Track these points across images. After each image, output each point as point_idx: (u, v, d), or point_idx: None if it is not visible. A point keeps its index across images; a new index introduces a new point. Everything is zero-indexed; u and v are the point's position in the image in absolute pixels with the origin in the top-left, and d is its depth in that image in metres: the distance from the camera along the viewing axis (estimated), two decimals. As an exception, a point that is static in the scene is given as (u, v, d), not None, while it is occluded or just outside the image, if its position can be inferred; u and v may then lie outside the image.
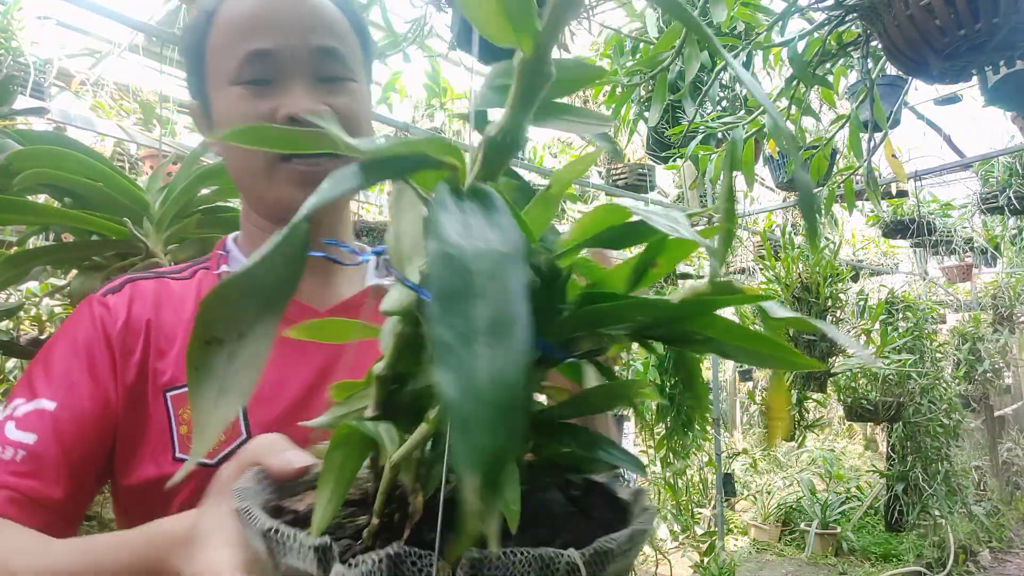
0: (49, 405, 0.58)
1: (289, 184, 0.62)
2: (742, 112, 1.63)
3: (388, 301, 0.28)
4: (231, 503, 0.31)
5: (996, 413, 6.07)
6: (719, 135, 1.60)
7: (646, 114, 1.79)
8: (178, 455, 0.59)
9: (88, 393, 0.59)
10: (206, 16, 0.64)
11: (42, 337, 2.58)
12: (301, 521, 0.29)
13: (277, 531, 0.26)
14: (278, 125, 0.51)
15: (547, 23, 0.23)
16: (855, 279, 5.04)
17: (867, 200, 3.59)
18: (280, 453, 0.35)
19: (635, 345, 0.32)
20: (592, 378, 0.34)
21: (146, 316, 0.64)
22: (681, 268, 4.30)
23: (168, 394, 0.61)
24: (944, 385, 3.84)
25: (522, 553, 0.24)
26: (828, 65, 1.45)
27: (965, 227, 4.93)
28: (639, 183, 3.62)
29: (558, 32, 0.24)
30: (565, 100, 0.32)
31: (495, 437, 0.15)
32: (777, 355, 0.27)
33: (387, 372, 0.29)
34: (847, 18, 1.17)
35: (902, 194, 3.92)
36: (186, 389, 0.57)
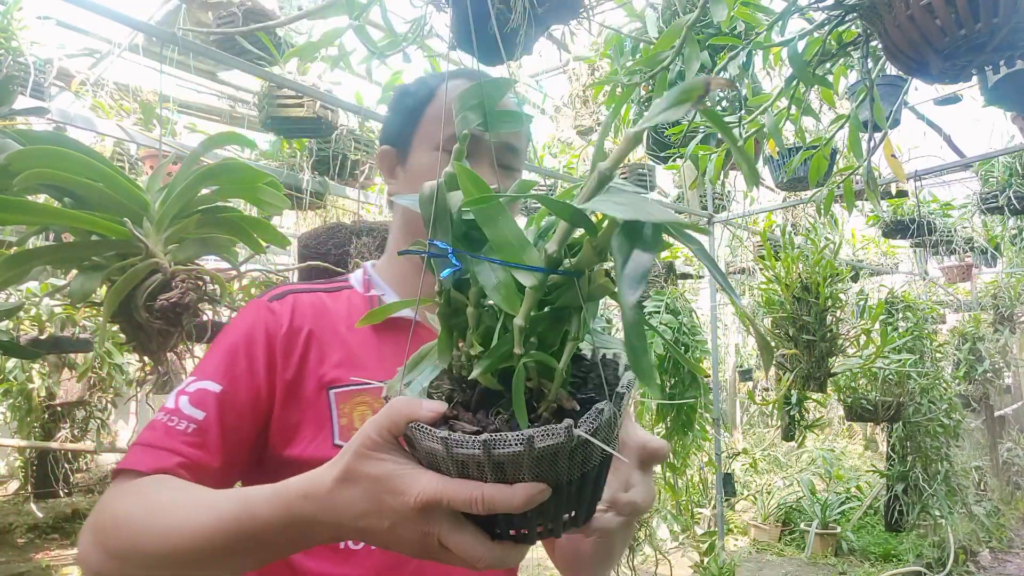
0: (215, 387, 0.71)
1: None
2: (742, 112, 1.63)
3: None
4: (383, 454, 0.45)
5: (996, 413, 6.07)
6: (719, 135, 1.60)
7: (646, 114, 1.79)
8: (337, 441, 0.73)
9: (246, 383, 0.73)
10: (429, 89, 0.84)
11: (42, 337, 2.57)
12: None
13: (450, 438, 0.41)
14: None
15: (648, 115, 0.39)
16: (855, 279, 5.04)
17: (867, 200, 3.59)
18: (422, 406, 0.45)
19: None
20: None
21: (308, 324, 0.79)
22: (681, 268, 4.30)
23: (332, 392, 0.75)
24: (944, 385, 3.84)
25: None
26: (828, 65, 1.44)
27: (965, 227, 4.93)
28: (639, 183, 3.62)
29: (652, 123, 0.39)
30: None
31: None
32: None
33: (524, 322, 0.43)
34: (847, 18, 1.17)
35: (902, 194, 3.92)
36: (347, 388, 0.76)
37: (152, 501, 0.60)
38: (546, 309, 0.45)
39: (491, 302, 0.45)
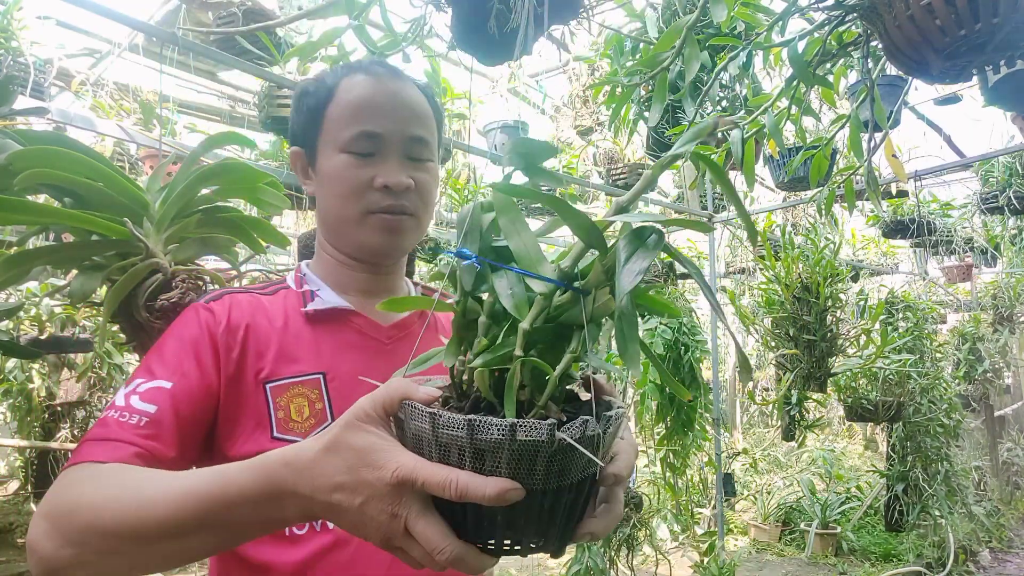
0: (166, 384, 0.72)
1: (376, 231, 0.82)
2: (742, 112, 1.63)
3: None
4: (372, 427, 0.46)
5: (996, 413, 6.07)
6: (719, 135, 1.60)
7: (646, 114, 1.79)
8: (276, 435, 0.75)
9: (196, 378, 0.74)
10: (327, 89, 0.83)
11: (42, 337, 2.57)
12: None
13: (439, 414, 0.43)
14: (373, 190, 0.80)
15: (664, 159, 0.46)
16: (855, 279, 5.04)
17: (867, 200, 3.59)
18: (418, 388, 0.47)
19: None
20: None
21: (245, 321, 0.79)
22: (681, 269, 4.30)
23: (268, 386, 0.76)
24: (944, 385, 3.84)
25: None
26: (828, 65, 1.44)
27: (965, 227, 4.92)
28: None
29: (671, 164, 0.46)
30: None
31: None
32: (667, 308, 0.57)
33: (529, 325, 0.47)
34: (847, 18, 1.17)
35: (902, 194, 3.92)
36: (283, 382, 0.76)
37: (113, 482, 0.59)
38: (550, 325, 0.47)
39: (504, 310, 0.48)
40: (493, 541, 0.45)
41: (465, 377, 0.49)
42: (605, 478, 0.48)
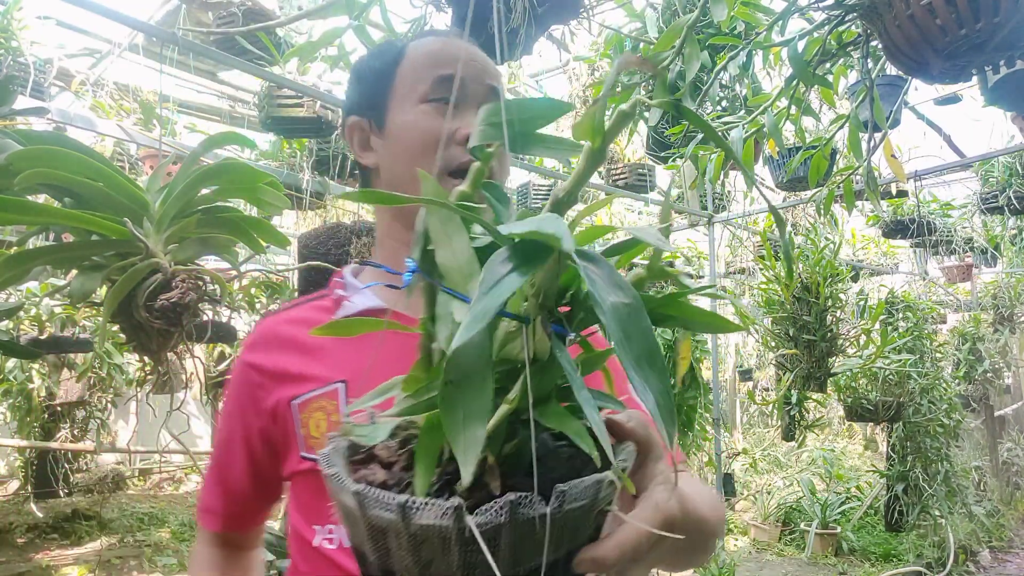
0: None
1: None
2: (742, 112, 1.63)
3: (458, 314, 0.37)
4: None
5: (996, 413, 6.07)
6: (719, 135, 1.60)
7: (646, 114, 1.79)
8: (303, 453, 0.72)
9: (239, 445, 0.80)
10: (395, 51, 0.78)
11: (42, 337, 2.57)
12: (386, 487, 0.36)
13: (412, 502, 0.32)
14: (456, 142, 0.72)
15: (609, 130, 0.36)
16: (855, 279, 5.04)
17: (867, 200, 3.59)
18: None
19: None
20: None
21: (280, 357, 0.77)
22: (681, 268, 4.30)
23: (294, 403, 0.73)
24: (944, 385, 3.84)
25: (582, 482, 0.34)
26: (828, 65, 1.44)
27: (965, 227, 4.93)
28: (639, 183, 3.62)
29: (615, 136, 0.37)
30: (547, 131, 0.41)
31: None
32: (715, 322, 0.42)
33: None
34: (847, 18, 1.17)
35: (902, 194, 3.92)
36: (306, 397, 0.72)
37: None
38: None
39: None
40: None
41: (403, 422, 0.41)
42: (579, 564, 0.36)
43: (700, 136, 1.60)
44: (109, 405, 4.46)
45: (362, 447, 0.40)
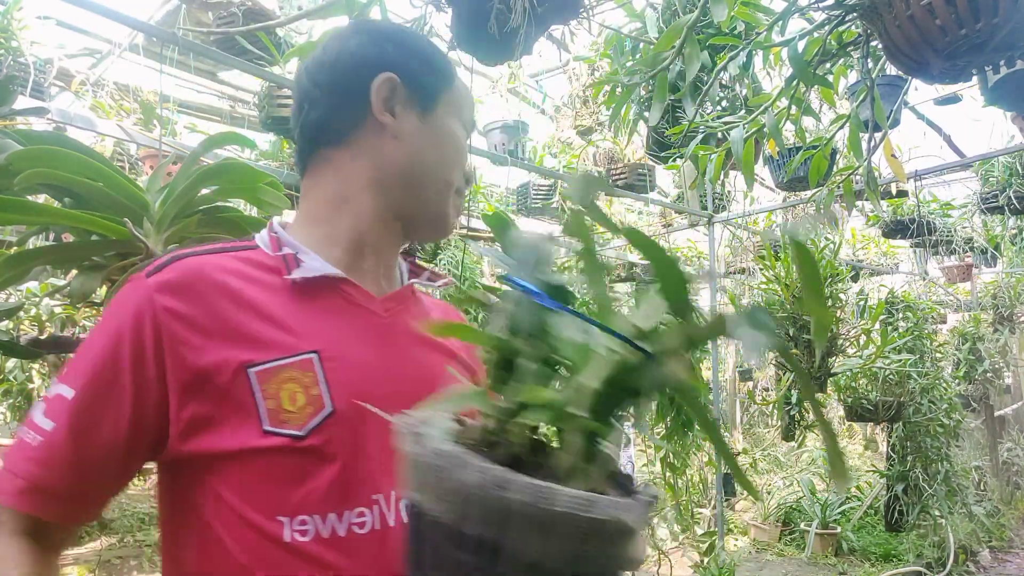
0: (67, 393, 0.62)
1: (455, 211, 0.82)
2: (742, 112, 1.63)
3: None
4: None
5: (996, 413, 6.07)
6: (719, 135, 1.60)
7: (646, 114, 1.79)
8: (268, 428, 0.63)
9: (113, 387, 0.64)
10: (449, 65, 0.81)
11: (42, 337, 2.58)
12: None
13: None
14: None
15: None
16: (855, 279, 5.04)
17: (867, 200, 3.59)
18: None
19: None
20: None
21: (206, 301, 0.67)
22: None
23: (251, 371, 0.64)
24: (944, 385, 3.84)
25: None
26: (828, 65, 1.44)
27: (965, 227, 4.93)
28: (639, 183, 3.62)
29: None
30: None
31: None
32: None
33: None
34: (847, 18, 1.17)
35: (902, 194, 3.92)
36: (269, 365, 0.64)
37: None
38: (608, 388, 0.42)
39: (557, 359, 0.44)
40: None
41: (492, 425, 0.43)
42: None
43: (700, 136, 1.60)
44: (109, 405, 4.46)
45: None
